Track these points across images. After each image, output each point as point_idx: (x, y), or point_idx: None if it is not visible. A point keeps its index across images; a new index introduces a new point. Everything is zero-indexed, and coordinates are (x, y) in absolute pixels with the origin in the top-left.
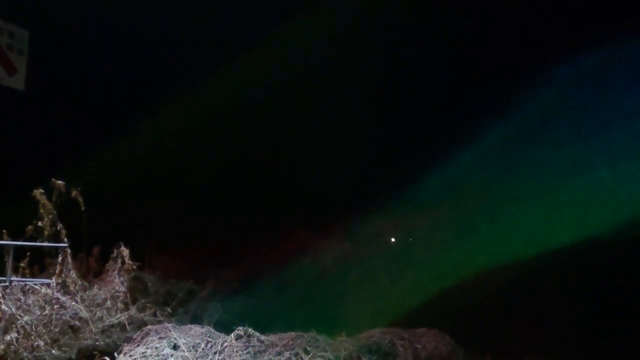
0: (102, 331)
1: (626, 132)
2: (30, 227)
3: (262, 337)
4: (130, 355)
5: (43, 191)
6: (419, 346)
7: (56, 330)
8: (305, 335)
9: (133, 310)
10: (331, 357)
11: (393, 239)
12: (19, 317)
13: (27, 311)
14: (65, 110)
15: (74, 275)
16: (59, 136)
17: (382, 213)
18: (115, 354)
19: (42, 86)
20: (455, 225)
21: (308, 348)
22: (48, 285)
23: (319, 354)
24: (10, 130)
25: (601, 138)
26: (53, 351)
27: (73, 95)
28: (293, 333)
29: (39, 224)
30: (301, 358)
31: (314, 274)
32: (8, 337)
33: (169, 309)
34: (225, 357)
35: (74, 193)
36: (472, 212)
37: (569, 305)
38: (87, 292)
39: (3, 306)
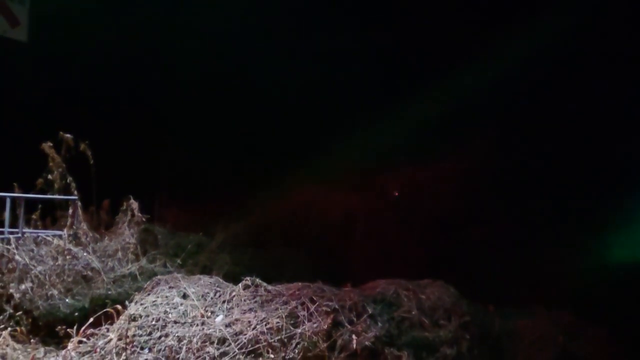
0: (114, 281)
1: None
2: (40, 180)
3: (269, 287)
4: (142, 304)
5: (52, 144)
6: (423, 297)
7: (69, 279)
8: (312, 286)
9: (143, 261)
10: (336, 306)
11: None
12: (32, 267)
13: (41, 262)
14: (73, 62)
15: (85, 227)
16: (66, 88)
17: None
18: (127, 303)
19: (49, 37)
20: None
21: (314, 297)
22: (60, 236)
23: (324, 303)
24: (17, 83)
25: None
26: (67, 300)
27: (80, 47)
28: (299, 283)
29: (49, 177)
30: (307, 307)
31: (323, 226)
32: (23, 287)
33: (178, 261)
34: (234, 306)
35: (82, 146)
36: None
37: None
38: (98, 244)
39: (17, 257)
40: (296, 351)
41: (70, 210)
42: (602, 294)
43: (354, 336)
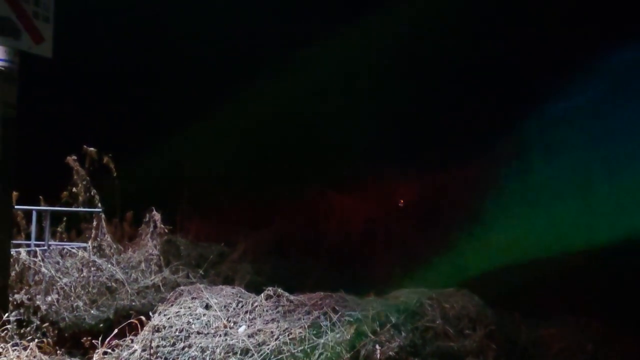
0: (138, 292)
1: None
2: (65, 193)
3: (292, 297)
4: (165, 315)
5: (76, 158)
6: (447, 306)
7: (94, 291)
8: (334, 295)
9: (167, 272)
10: (359, 316)
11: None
12: (58, 279)
13: (66, 273)
14: (96, 76)
15: (109, 239)
16: (89, 102)
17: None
18: (151, 314)
19: (73, 52)
20: None
21: (337, 307)
22: (84, 248)
23: (347, 313)
24: (43, 98)
25: None
26: (92, 311)
27: (103, 61)
28: (321, 293)
29: (74, 190)
30: (330, 317)
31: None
32: (49, 298)
33: (201, 271)
34: (256, 316)
35: (105, 159)
36: None
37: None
38: (122, 255)
39: (43, 269)
40: None
41: (95, 223)
42: (633, 299)
43: (377, 346)
